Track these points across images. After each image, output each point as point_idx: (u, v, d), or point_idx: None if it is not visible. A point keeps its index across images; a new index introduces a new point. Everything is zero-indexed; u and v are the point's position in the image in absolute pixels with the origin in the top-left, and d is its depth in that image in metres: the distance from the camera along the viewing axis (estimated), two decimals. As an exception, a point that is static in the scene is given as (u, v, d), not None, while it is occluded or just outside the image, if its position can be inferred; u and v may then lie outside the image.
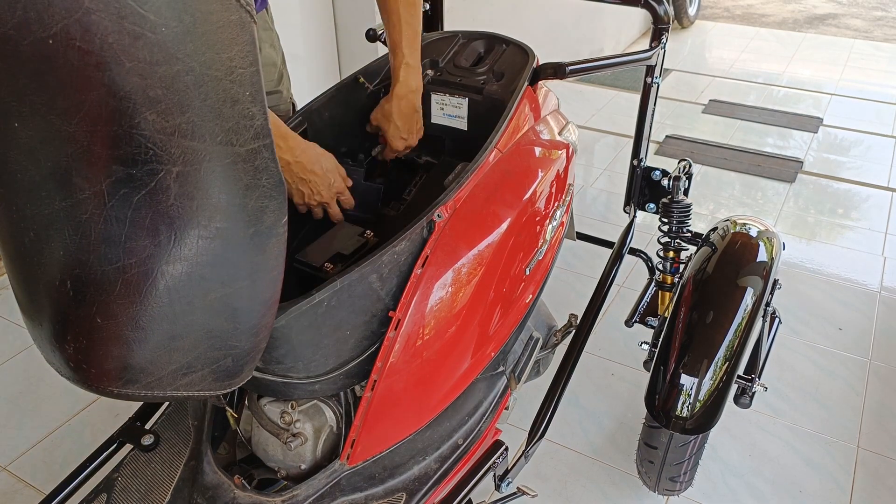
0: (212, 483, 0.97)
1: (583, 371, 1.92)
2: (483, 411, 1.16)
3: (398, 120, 1.22)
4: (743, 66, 4.34)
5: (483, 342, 1.04)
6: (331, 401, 1.04)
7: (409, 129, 1.25)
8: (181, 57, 0.53)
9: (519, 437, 1.67)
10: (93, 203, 0.55)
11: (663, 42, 1.39)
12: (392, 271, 0.92)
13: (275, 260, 0.71)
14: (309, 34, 2.64)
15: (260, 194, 0.65)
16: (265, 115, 0.62)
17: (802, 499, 1.59)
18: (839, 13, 5.59)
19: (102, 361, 0.63)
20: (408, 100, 1.22)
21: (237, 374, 0.75)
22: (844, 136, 3.39)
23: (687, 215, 1.49)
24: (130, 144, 0.54)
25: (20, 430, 1.74)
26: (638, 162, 1.55)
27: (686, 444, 1.30)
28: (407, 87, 1.22)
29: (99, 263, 0.58)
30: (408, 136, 1.25)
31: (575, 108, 3.63)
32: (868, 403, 1.84)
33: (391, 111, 1.22)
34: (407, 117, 1.23)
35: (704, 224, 2.61)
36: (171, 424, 1.11)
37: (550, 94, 1.39)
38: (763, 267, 1.31)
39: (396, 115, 1.22)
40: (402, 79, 1.21)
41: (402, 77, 1.21)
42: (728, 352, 1.19)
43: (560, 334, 1.40)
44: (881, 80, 4.13)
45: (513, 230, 1.03)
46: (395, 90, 1.21)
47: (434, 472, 1.07)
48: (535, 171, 1.11)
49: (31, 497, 1.58)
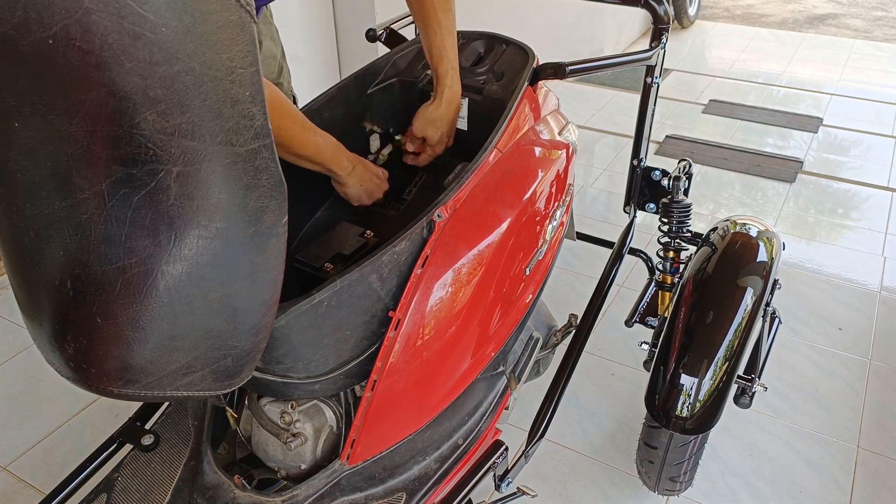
0: (212, 483, 0.97)
1: (583, 371, 1.92)
2: (483, 411, 1.16)
3: (446, 126, 1.23)
4: (743, 66, 4.34)
5: (483, 342, 1.04)
6: (331, 401, 1.04)
7: (451, 134, 1.27)
8: (181, 57, 0.53)
9: (519, 437, 1.67)
10: (93, 203, 0.55)
11: (663, 42, 1.39)
12: (392, 271, 0.92)
13: (275, 260, 0.71)
14: (309, 34, 2.64)
15: (260, 194, 0.65)
16: (265, 115, 0.62)
17: (802, 499, 1.59)
18: (839, 13, 5.59)
19: (102, 361, 0.63)
20: (455, 105, 1.24)
21: (237, 374, 0.75)
22: (844, 136, 3.39)
23: (687, 215, 1.49)
24: (130, 144, 0.54)
25: (20, 430, 1.74)
26: (638, 162, 1.55)
27: (686, 444, 1.30)
28: (455, 92, 1.23)
29: (99, 263, 0.58)
30: (450, 139, 1.27)
31: (575, 108, 3.63)
32: (868, 403, 1.84)
33: (440, 117, 1.22)
34: (453, 122, 1.25)
35: (704, 224, 2.61)
36: (171, 424, 1.11)
37: (550, 94, 1.39)
38: (763, 267, 1.31)
39: (446, 120, 1.23)
40: (451, 84, 1.21)
41: (450, 82, 1.21)
42: (728, 352, 1.19)
43: (560, 334, 1.40)
44: (881, 80, 4.13)
45: (513, 230, 1.03)
46: (446, 95, 1.21)
47: (434, 472, 1.07)
48: (535, 171, 1.11)
49: (31, 497, 1.58)
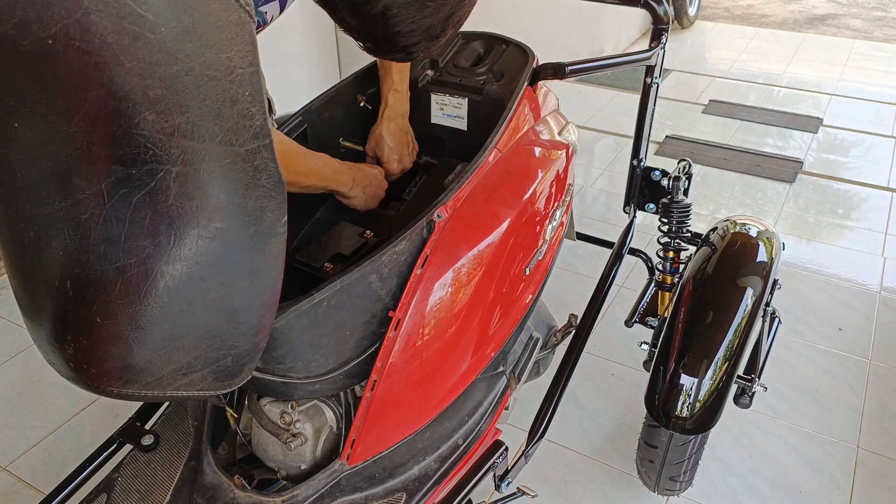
0: (212, 483, 0.97)
1: (583, 371, 1.92)
2: (483, 411, 1.16)
3: (390, 142, 1.26)
4: (743, 66, 4.34)
5: (483, 342, 1.04)
6: (331, 401, 1.04)
7: (401, 151, 1.29)
8: (181, 57, 0.53)
9: (519, 437, 1.67)
10: (92, 203, 0.55)
11: (663, 42, 1.39)
12: (392, 271, 0.92)
13: (275, 260, 0.71)
14: (309, 34, 2.64)
15: (260, 194, 0.65)
16: (264, 115, 0.62)
17: (802, 499, 1.59)
18: (839, 13, 5.59)
19: (102, 361, 0.63)
20: (396, 123, 1.27)
21: (237, 374, 0.75)
22: (844, 136, 3.39)
23: (687, 215, 1.49)
24: (130, 144, 0.54)
25: (20, 430, 1.74)
26: (638, 162, 1.55)
27: (686, 443, 1.30)
28: (395, 111, 1.27)
29: (99, 263, 0.58)
30: (401, 157, 1.29)
31: (575, 108, 3.63)
32: (868, 403, 1.84)
33: (382, 134, 1.26)
34: (398, 139, 1.28)
35: (704, 224, 2.61)
36: (171, 424, 1.11)
37: (550, 95, 1.39)
38: (763, 267, 1.31)
39: (388, 137, 1.26)
40: (392, 103, 1.26)
41: (390, 102, 1.26)
42: (728, 352, 1.19)
43: (560, 334, 1.40)
44: (881, 80, 4.13)
45: (512, 230, 1.03)
46: (385, 114, 1.26)
47: (434, 472, 1.07)
48: (534, 171, 1.11)
49: (31, 497, 1.58)
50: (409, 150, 1.31)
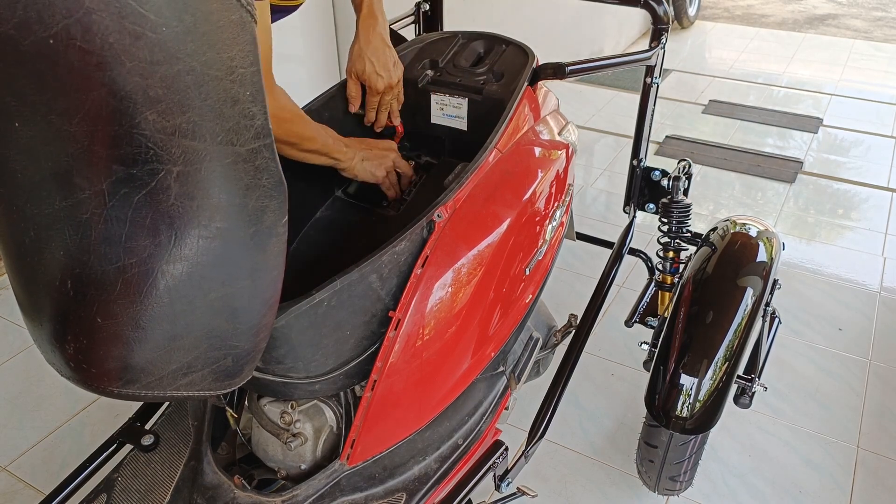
0: (212, 483, 0.97)
1: (583, 371, 1.92)
2: (483, 411, 1.16)
3: (371, 55, 1.17)
4: (743, 66, 4.34)
5: (483, 342, 1.04)
6: (331, 401, 1.04)
7: (383, 64, 1.17)
8: (182, 57, 0.53)
9: (519, 437, 1.67)
10: (93, 203, 0.55)
11: (663, 42, 1.39)
12: (392, 271, 0.92)
13: (275, 260, 0.71)
14: (309, 34, 2.64)
15: (260, 194, 0.65)
16: (265, 114, 0.62)
17: (802, 499, 1.59)
18: (839, 13, 5.59)
19: (102, 361, 0.63)
20: (377, 32, 1.18)
21: (237, 374, 0.75)
22: (844, 136, 3.39)
23: (687, 215, 1.49)
24: (131, 144, 0.54)
25: (20, 430, 1.74)
26: (638, 162, 1.55)
27: (686, 443, 1.30)
28: (372, 16, 1.18)
29: (99, 263, 0.58)
30: (384, 71, 1.18)
31: (575, 108, 3.63)
32: (868, 403, 1.84)
33: (361, 49, 1.17)
34: (378, 50, 1.18)
35: (704, 224, 2.61)
36: (171, 424, 1.11)
37: (550, 95, 1.39)
38: (763, 267, 1.31)
39: (367, 49, 1.17)
40: (366, 11, 1.18)
41: (364, 10, 1.18)
42: (728, 352, 1.19)
43: (560, 334, 1.40)
44: (881, 80, 4.13)
45: (512, 230, 1.03)
46: (361, 24, 1.18)
47: (434, 472, 1.07)
48: (534, 171, 1.11)
49: (31, 497, 1.58)
50: (392, 64, 1.20)
